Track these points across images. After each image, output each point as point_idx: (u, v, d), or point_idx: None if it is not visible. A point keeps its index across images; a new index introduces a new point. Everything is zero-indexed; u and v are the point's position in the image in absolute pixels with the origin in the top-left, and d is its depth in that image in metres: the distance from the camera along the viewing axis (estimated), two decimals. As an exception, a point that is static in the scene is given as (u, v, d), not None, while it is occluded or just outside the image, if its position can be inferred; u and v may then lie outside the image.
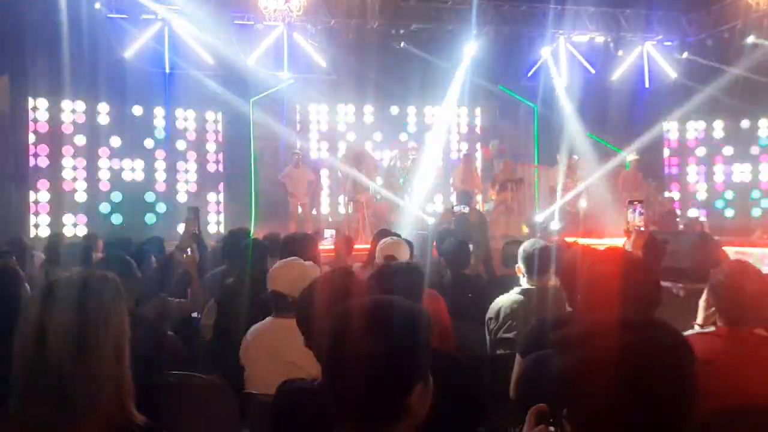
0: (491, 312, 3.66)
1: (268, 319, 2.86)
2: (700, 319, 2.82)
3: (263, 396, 2.64)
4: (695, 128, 14.16)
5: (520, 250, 3.73)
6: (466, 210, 6.45)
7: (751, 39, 12.63)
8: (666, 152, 14.28)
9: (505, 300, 3.66)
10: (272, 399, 1.95)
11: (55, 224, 10.66)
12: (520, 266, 3.71)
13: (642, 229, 2.83)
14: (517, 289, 3.71)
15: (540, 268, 3.63)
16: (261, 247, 4.26)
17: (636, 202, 3.22)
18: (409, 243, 4.57)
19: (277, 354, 2.68)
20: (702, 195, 14.08)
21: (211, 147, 12.69)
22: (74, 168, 11.25)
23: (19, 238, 7.03)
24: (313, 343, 2.03)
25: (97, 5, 11.28)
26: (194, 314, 4.27)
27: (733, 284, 2.57)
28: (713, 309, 2.69)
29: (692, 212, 13.76)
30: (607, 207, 11.51)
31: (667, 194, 13.69)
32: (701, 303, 2.81)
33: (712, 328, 2.72)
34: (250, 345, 2.81)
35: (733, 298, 2.57)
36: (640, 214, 3.09)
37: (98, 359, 1.39)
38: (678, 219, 12.65)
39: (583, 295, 2.37)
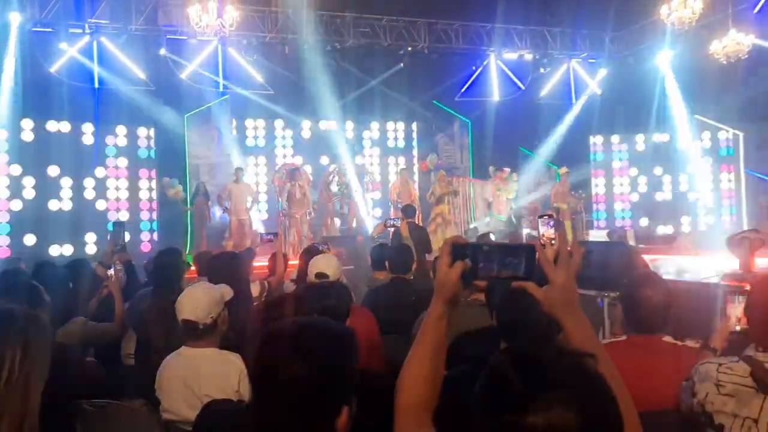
0: (415, 326, 3.70)
1: (180, 348, 2.80)
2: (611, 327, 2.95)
3: (182, 423, 2.61)
4: (619, 141, 14.75)
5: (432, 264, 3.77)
6: (398, 223, 6.52)
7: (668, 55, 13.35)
8: (592, 165, 14.81)
9: (422, 315, 3.69)
10: (195, 421, 1.92)
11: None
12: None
13: (554, 242, 2.92)
14: None
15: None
16: (180, 268, 4.13)
17: (547, 215, 3.32)
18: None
19: (189, 386, 2.64)
20: (626, 205, 14.65)
21: (143, 163, 12.35)
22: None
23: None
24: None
25: (19, 19, 10.87)
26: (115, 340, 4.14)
27: (640, 294, 2.70)
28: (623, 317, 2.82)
29: (618, 222, 14.30)
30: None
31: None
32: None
33: (623, 337, 2.84)
34: (163, 377, 2.75)
35: (640, 307, 2.70)
36: (551, 226, 3.18)
37: (1, 396, 1.34)
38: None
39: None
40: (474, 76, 14.29)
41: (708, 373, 2.20)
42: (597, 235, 12.44)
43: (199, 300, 2.74)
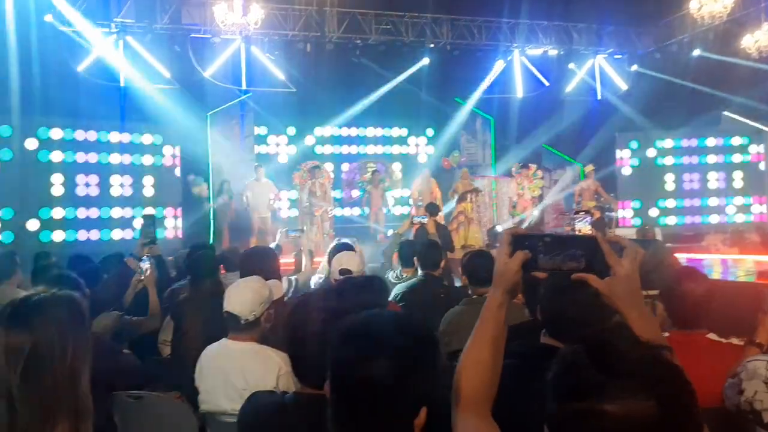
0: (441, 324, 3.69)
1: (222, 340, 2.80)
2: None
3: (219, 415, 2.61)
4: (646, 138, 14.53)
5: (462, 261, 3.76)
6: (425, 221, 6.49)
7: (697, 52, 13.12)
8: (618, 162, 14.61)
9: (451, 312, 3.69)
10: (240, 411, 1.92)
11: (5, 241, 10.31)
12: (464, 277, 3.74)
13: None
14: (464, 300, 3.75)
15: (481, 278, 3.66)
16: (215, 261, 4.18)
17: (583, 212, 3.28)
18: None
19: (228, 379, 2.64)
20: (654, 203, 14.43)
21: (167, 161, 12.47)
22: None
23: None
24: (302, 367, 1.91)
25: (48, 17, 11.02)
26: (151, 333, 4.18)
27: (683, 290, 2.66)
28: (665, 314, 2.78)
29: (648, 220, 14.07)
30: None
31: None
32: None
33: (665, 334, 2.79)
34: (204, 367, 2.75)
35: (684, 304, 2.66)
36: (588, 223, 3.14)
37: (51, 383, 1.33)
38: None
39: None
40: (497, 72, 14.18)
41: (756, 371, 2.15)
42: (625, 234, 12.27)
43: (245, 296, 2.75)
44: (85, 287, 2.90)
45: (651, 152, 14.21)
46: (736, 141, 13.79)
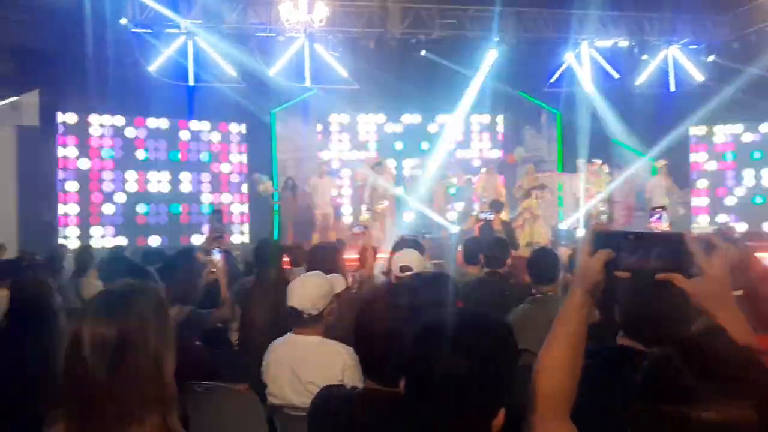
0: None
1: (288, 334, 2.83)
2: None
3: (286, 408, 2.63)
4: (723, 132, 13.89)
5: (529, 258, 3.68)
6: (491, 217, 6.40)
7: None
8: (693, 157, 14.02)
9: (516, 311, 3.62)
10: (311, 405, 1.92)
11: (84, 236, 10.81)
12: (528, 275, 3.66)
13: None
14: (528, 299, 3.67)
15: (546, 276, 3.57)
16: (282, 256, 4.24)
17: (659, 209, 3.14)
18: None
19: (294, 372, 2.66)
20: (731, 200, 13.78)
21: (234, 158, 12.80)
22: (100, 181, 11.39)
23: (54, 248, 7.16)
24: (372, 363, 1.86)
25: (123, 21, 11.47)
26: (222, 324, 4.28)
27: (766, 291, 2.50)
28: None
29: (722, 218, 13.47)
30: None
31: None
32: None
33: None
34: (270, 361, 2.79)
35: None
36: (664, 220, 3.01)
37: (137, 373, 1.36)
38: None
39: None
40: (564, 65, 13.82)
41: None
42: (701, 233, 11.78)
43: (308, 291, 2.77)
44: (158, 281, 2.97)
45: (728, 147, 13.59)
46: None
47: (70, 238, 10.61)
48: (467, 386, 1.25)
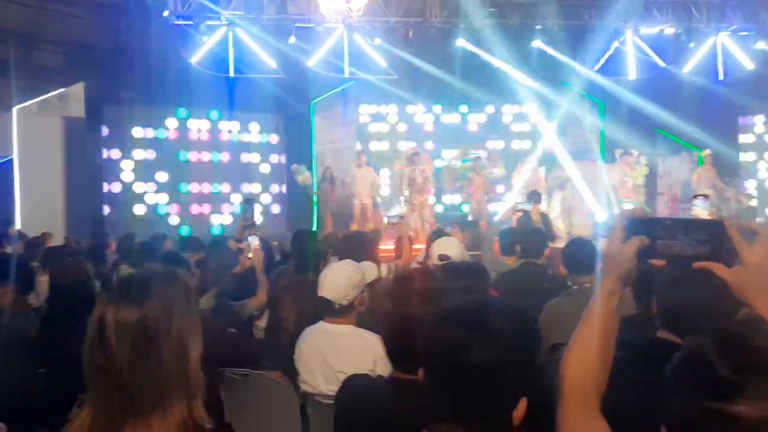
0: (542, 315, 3.55)
1: (319, 323, 2.83)
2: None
3: (319, 396, 2.64)
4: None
5: (563, 249, 3.61)
6: (528, 208, 6.30)
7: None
8: (743, 148, 13.55)
9: (550, 303, 3.55)
10: (337, 393, 1.92)
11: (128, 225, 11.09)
12: (563, 266, 3.59)
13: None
14: (563, 291, 3.59)
15: (581, 267, 3.49)
16: (320, 246, 4.26)
17: (701, 196, 3.03)
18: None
19: (326, 360, 2.67)
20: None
21: (273, 149, 12.92)
22: (145, 169, 11.66)
23: (99, 236, 7.35)
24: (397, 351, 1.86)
25: (165, 13, 11.66)
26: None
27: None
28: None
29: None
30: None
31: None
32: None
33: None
34: (302, 349, 2.80)
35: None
36: (706, 207, 2.90)
37: (160, 358, 1.36)
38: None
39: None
40: (608, 54, 13.49)
41: None
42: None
43: (339, 281, 2.76)
44: (192, 267, 3.01)
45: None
46: None
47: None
48: (486, 376, 1.22)
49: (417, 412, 1.32)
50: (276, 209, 12.94)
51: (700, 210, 3.06)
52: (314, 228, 12.40)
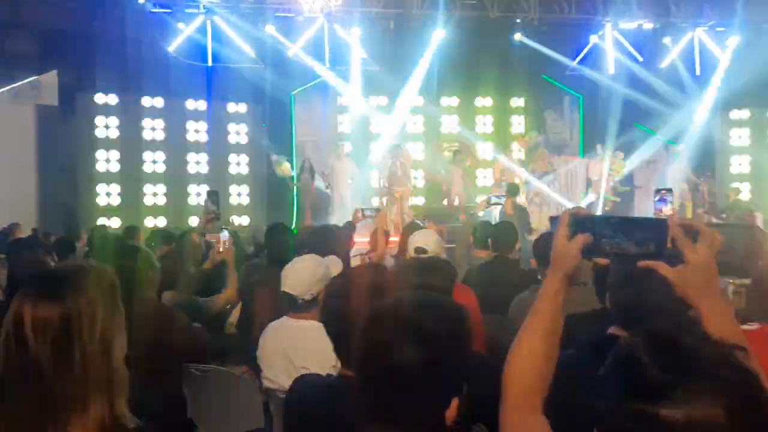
0: (512, 307, 3.56)
1: (282, 318, 2.81)
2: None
3: (281, 392, 2.62)
4: (748, 117, 13.56)
5: (534, 242, 3.62)
6: (502, 201, 6.32)
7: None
8: (716, 142, 13.72)
9: (518, 298, 3.56)
10: (287, 392, 1.91)
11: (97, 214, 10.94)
12: (533, 259, 3.60)
13: (670, 219, 2.69)
14: (531, 287, 3.61)
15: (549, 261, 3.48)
16: (292, 243, 4.23)
17: (664, 191, 3.04)
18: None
19: (288, 357, 2.64)
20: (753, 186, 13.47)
21: (251, 139, 12.80)
22: (119, 160, 11.50)
23: (73, 225, 7.23)
24: (341, 348, 1.88)
25: (142, 0, 11.48)
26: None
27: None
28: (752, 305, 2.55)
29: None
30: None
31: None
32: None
33: (755, 326, 2.57)
34: (265, 346, 2.77)
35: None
36: (668, 203, 2.92)
37: (81, 356, 1.31)
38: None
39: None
40: (587, 48, 13.55)
41: None
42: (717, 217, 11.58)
43: (301, 275, 2.74)
44: (154, 262, 2.97)
45: (757, 132, 13.29)
46: None
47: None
48: (416, 376, 1.20)
49: (359, 412, 1.31)
50: (254, 200, 12.85)
51: (663, 204, 3.07)
52: (294, 220, 12.36)
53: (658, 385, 0.91)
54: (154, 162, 11.75)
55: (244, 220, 12.27)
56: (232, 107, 12.52)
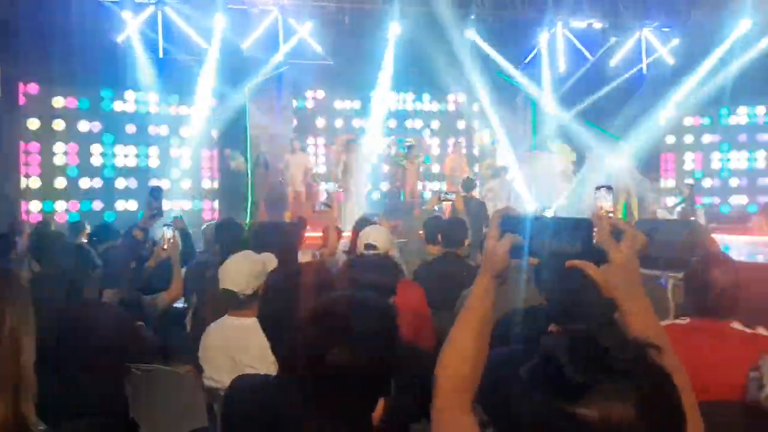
0: (458, 303, 3.60)
1: (224, 317, 2.79)
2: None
3: (223, 390, 2.61)
4: (694, 115, 14.04)
5: (482, 240, 3.64)
6: (452, 197, 6.37)
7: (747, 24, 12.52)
8: (663, 140, 14.16)
9: (464, 294, 3.60)
10: (225, 393, 1.90)
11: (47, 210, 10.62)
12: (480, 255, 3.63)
13: (611, 215, 2.73)
14: None
15: None
16: (242, 239, 4.19)
17: (604, 187, 3.10)
18: None
19: (232, 356, 2.63)
20: (703, 183, 13.96)
21: (205, 133, 12.58)
22: (66, 153, 11.17)
23: (14, 223, 6.99)
24: (275, 347, 1.90)
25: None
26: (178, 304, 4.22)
27: (707, 276, 2.52)
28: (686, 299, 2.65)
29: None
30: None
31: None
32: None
33: (687, 320, 2.67)
34: (206, 345, 2.75)
35: (707, 290, 2.52)
36: (608, 199, 3.00)
37: None
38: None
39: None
40: (539, 46, 13.79)
41: (776, 366, 2.01)
42: (665, 214, 11.96)
43: (239, 271, 2.72)
44: (96, 260, 2.91)
45: (697, 130, 13.77)
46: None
47: (32, 213, 10.40)
48: (342, 375, 1.22)
49: (296, 412, 1.31)
50: (209, 195, 12.65)
51: (604, 201, 3.14)
52: (248, 215, 12.23)
53: (575, 384, 0.94)
54: (100, 155, 11.43)
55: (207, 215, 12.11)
56: (183, 100, 12.24)
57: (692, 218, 7.53)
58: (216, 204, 12.67)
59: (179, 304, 4.19)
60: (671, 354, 1.27)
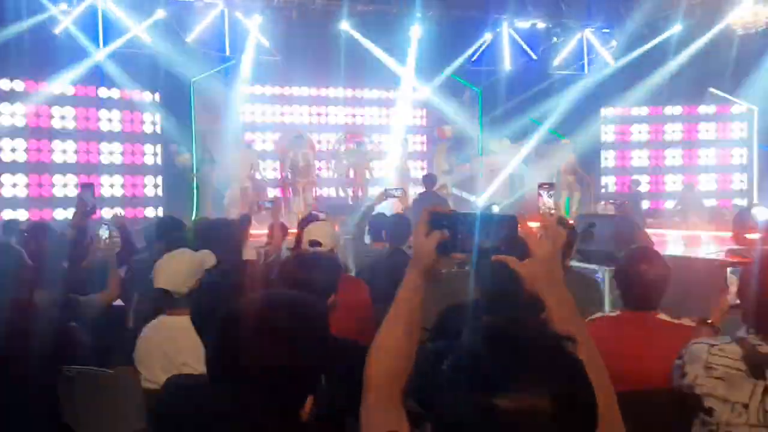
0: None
1: (159, 317, 2.73)
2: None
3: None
4: (633, 114, 14.50)
5: None
6: (399, 193, 6.40)
7: (677, 28, 13.02)
8: (603, 138, 14.59)
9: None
10: (158, 394, 1.87)
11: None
12: None
13: (553, 212, 2.82)
14: None
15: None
16: (182, 235, 4.11)
17: (546, 185, 3.19)
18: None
19: (167, 356, 2.57)
20: (641, 180, 14.43)
21: (148, 128, 12.27)
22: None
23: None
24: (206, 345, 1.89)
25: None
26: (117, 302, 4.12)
27: (635, 269, 2.62)
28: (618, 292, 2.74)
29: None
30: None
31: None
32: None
33: (617, 312, 2.77)
34: (141, 347, 2.68)
35: (635, 285, 2.62)
36: (551, 197, 3.09)
37: None
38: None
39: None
40: (485, 44, 14.00)
41: (698, 355, 2.10)
42: (606, 209, 12.30)
43: (174, 269, 2.67)
44: (26, 259, 2.82)
45: (635, 128, 14.23)
46: (724, 117, 13.84)
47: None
48: (268, 374, 1.22)
49: (225, 412, 1.30)
50: (151, 192, 12.35)
51: (546, 198, 3.22)
52: (195, 212, 12.01)
53: (492, 377, 0.96)
54: (37, 150, 11.02)
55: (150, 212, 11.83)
56: (126, 94, 11.90)
57: (630, 213, 7.80)
58: (161, 201, 12.36)
59: (120, 303, 4.10)
60: (590, 347, 1.32)
